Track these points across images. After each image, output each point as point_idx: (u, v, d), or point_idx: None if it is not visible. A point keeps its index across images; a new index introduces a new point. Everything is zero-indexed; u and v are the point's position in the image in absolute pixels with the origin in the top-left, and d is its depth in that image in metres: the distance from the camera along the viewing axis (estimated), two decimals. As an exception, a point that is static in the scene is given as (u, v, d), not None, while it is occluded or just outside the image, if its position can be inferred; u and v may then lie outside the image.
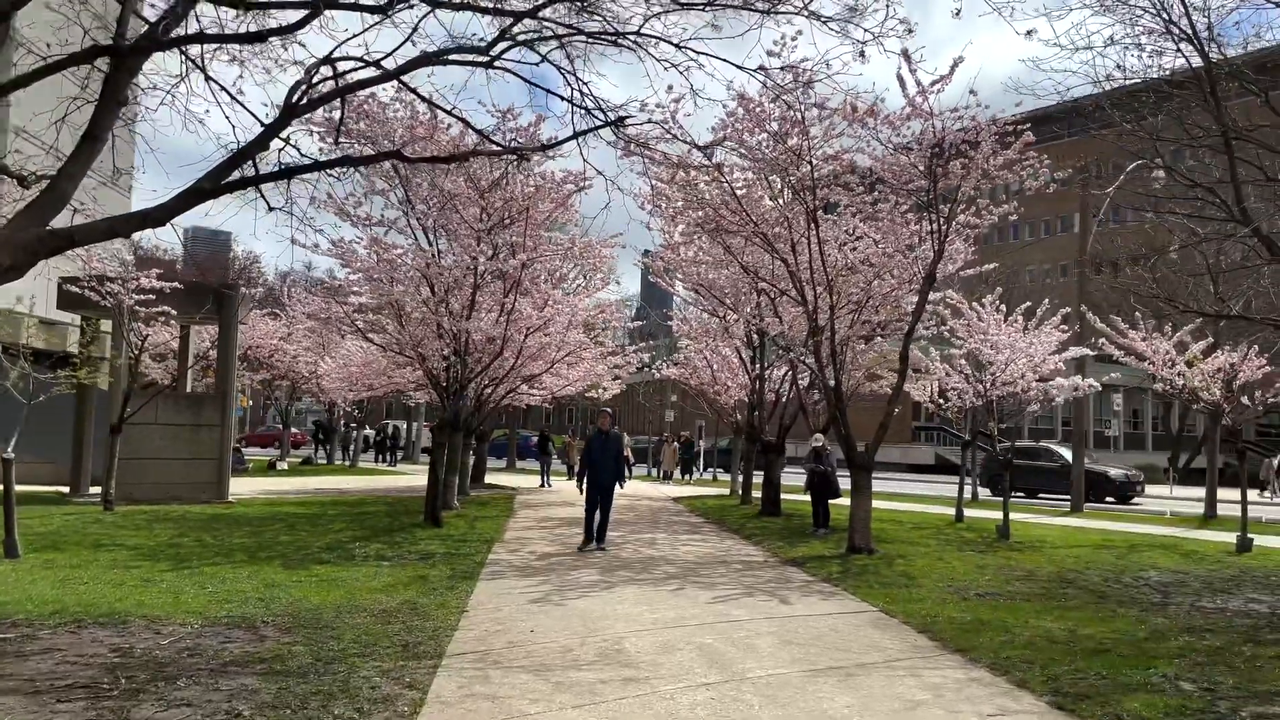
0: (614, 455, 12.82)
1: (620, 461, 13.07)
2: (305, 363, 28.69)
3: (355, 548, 12.43)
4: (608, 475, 12.69)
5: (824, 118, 12.28)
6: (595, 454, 12.71)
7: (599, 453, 12.70)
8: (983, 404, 17.33)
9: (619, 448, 13.09)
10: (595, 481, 12.68)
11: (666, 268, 18.03)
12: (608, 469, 12.68)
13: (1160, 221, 13.46)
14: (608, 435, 12.88)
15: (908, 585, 10.23)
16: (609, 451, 12.76)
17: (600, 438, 12.85)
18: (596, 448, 12.75)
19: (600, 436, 12.88)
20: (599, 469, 12.64)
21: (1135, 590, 10.56)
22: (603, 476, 12.66)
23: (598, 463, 12.65)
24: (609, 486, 12.73)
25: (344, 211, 15.91)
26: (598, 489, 12.69)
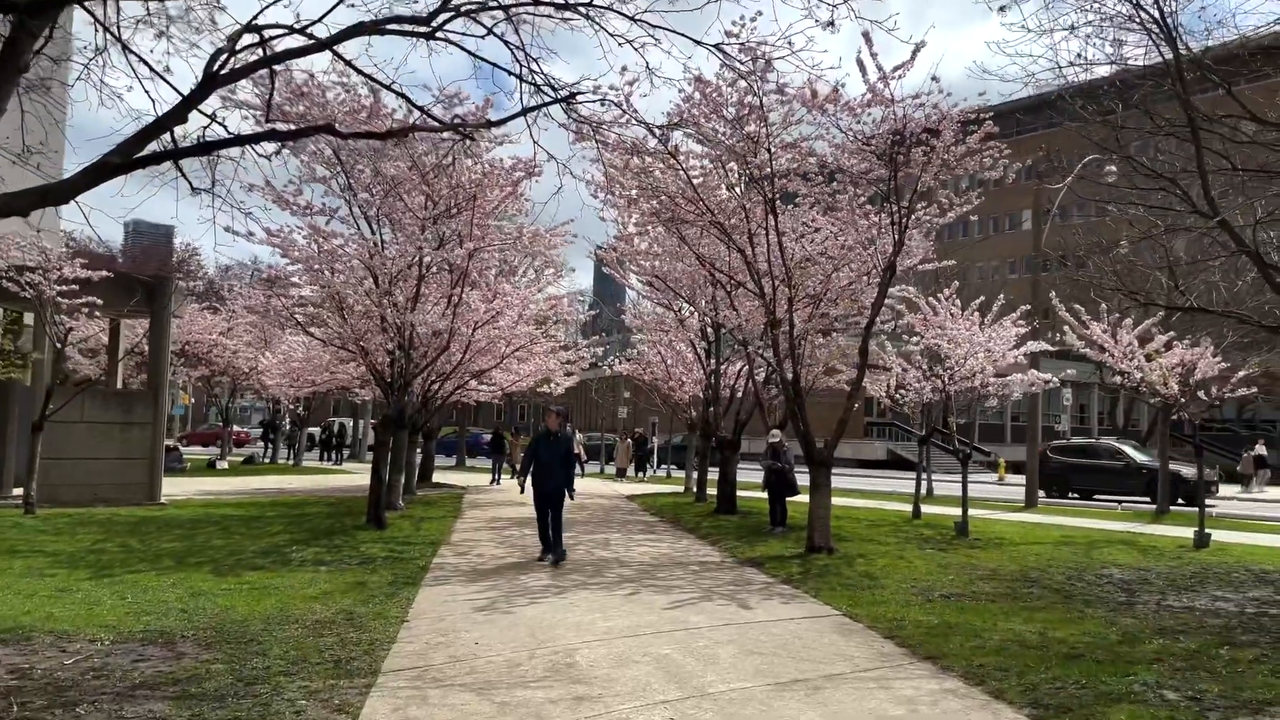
0: (562, 458, 11.32)
1: (570, 466, 11.46)
2: (245, 358, 27.72)
3: (292, 552, 11.78)
4: (555, 481, 11.22)
5: (784, 103, 11.88)
6: (542, 457, 11.31)
7: (546, 456, 11.28)
8: (940, 399, 17.14)
9: (568, 450, 11.53)
10: (541, 489, 11.28)
11: (620, 259, 17.55)
12: (555, 474, 11.23)
13: (1121, 213, 13.27)
14: (556, 436, 11.42)
15: (870, 586, 9.87)
16: (556, 454, 11.29)
17: (547, 439, 11.41)
18: (543, 450, 11.33)
19: (547, 438, 11.43)
20: (545, 474, 11.22)
21: (1099, 589, 10.32)
22: (549, 483, 11.21)
23: (544, 467, 11.24)
24: (557, 493, 11.27)
25: (283, 199, 15.22)
26: (545, 497, 11.31)
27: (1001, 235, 75.12)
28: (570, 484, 11.38)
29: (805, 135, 12.44)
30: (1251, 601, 9.74)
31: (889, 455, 47.96)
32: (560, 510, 11.47)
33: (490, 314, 15.63)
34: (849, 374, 17.46)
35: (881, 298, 12.84)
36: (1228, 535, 15.51)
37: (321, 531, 13.81)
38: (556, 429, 11.50)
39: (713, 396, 19.54)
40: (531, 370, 20.58)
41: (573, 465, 11.55)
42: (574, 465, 11.64)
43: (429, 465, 24.77)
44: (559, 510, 11.44)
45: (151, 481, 17.44)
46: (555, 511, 11.39)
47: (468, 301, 14.83)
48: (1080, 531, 16.28)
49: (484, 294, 15.47)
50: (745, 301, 15.53)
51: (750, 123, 12.18)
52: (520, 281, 20.50)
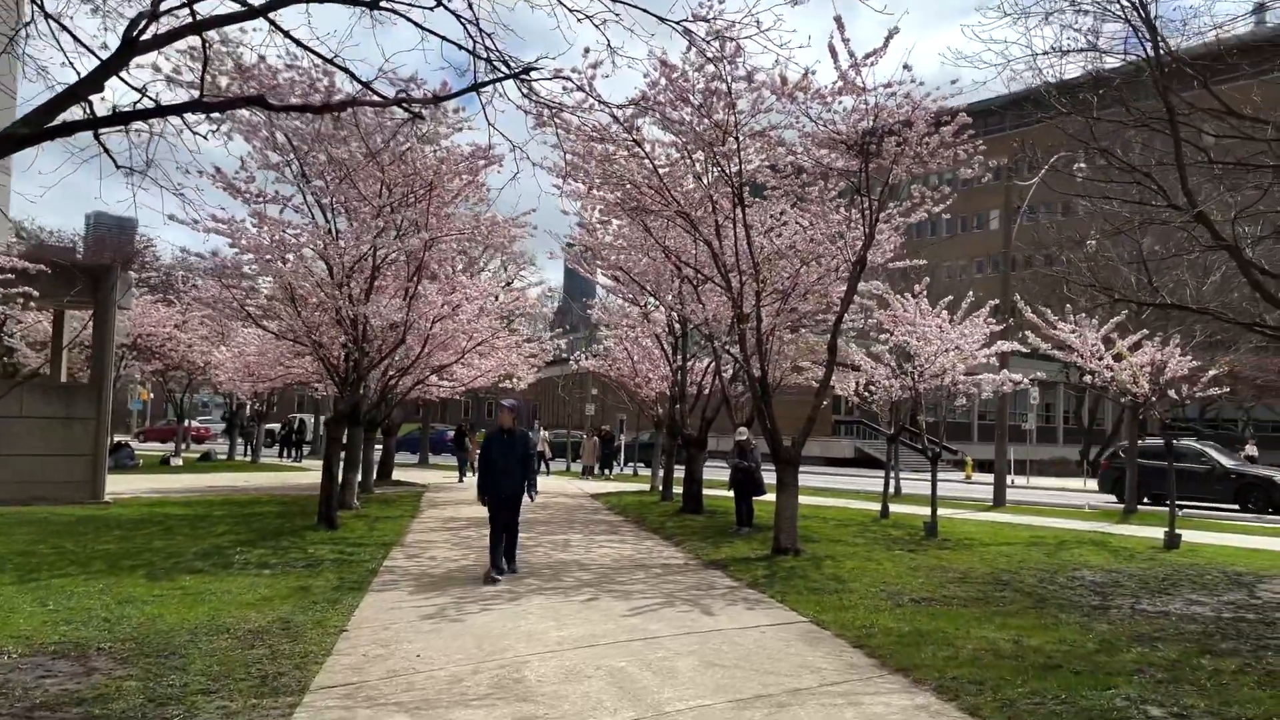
0: (519, 460, 10.09)
1: (528, 467, 10.20)
2: (200, 352, 26.92)
3: (235, 554, 11.21)
4: (512, 484, 10.05)
5: (752, 89, 11.47)
6: (495, 459, 10.05)
7: (500, 457, 10.04)
8: (909, 397, 16.83)
9: (526, 450, 10.21)
10: (495, 492, 10.04)
11: (584, 253, 17.09)
12: (511, 477, 10.03)
13: (1094, 208, 13.02)
14: (512, 435, 10.15)
15: (838, 590, 9.51)
16: (513, 455, 10.07)
17: (501, 438, 10.15)
18: (497, 451, 10.07)
19: (501, 437, 10.16)
20: (500, 477, 10.01)
21: (1072, 592, 10.04)
22: (504, 486, 10.01)
23: (499, 470, 10.02)
24: (514, 498, 10.10)
25: (233, 187, 14.62)
26: (500, 502, 10.06)
27: (970, 234, 75.55)
28: (530, 485, 10.24)
29: (775, 124, 12.04)
30: (1226, 605, 9.49)
31: (856, 453, 47.87)
32: (516, 518, 10.30)
33: (449, 307, 15.09)
34: (816, 371, 17.13)
35: (851, 292, 12.49)
36: (1197, 535, 15.36)
37: (269, 532, 13.23)
38: (511, 426, 10.23)
39: (679, 393, 19.14)
40: (493, 365, 20.07)
41: (532, 466, 10.31)
42: (533, 466, 10.41)
43: (389, 462, 24.16)
44: (514, 518, 10.27)
45: (95, 479, 16.73)
46: (510, 519, 10.21)
47: (425, 294, 14.29)
48: (1050, 531, 16.06)
49: (442, 286, 14.93)
50: (712, 297, 15.14)
51: (718, 110, 11.77)
52: (483, 275, 19.98)
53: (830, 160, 12.24)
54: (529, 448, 10.33)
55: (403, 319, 13.68)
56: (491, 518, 10.17)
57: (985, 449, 45.69)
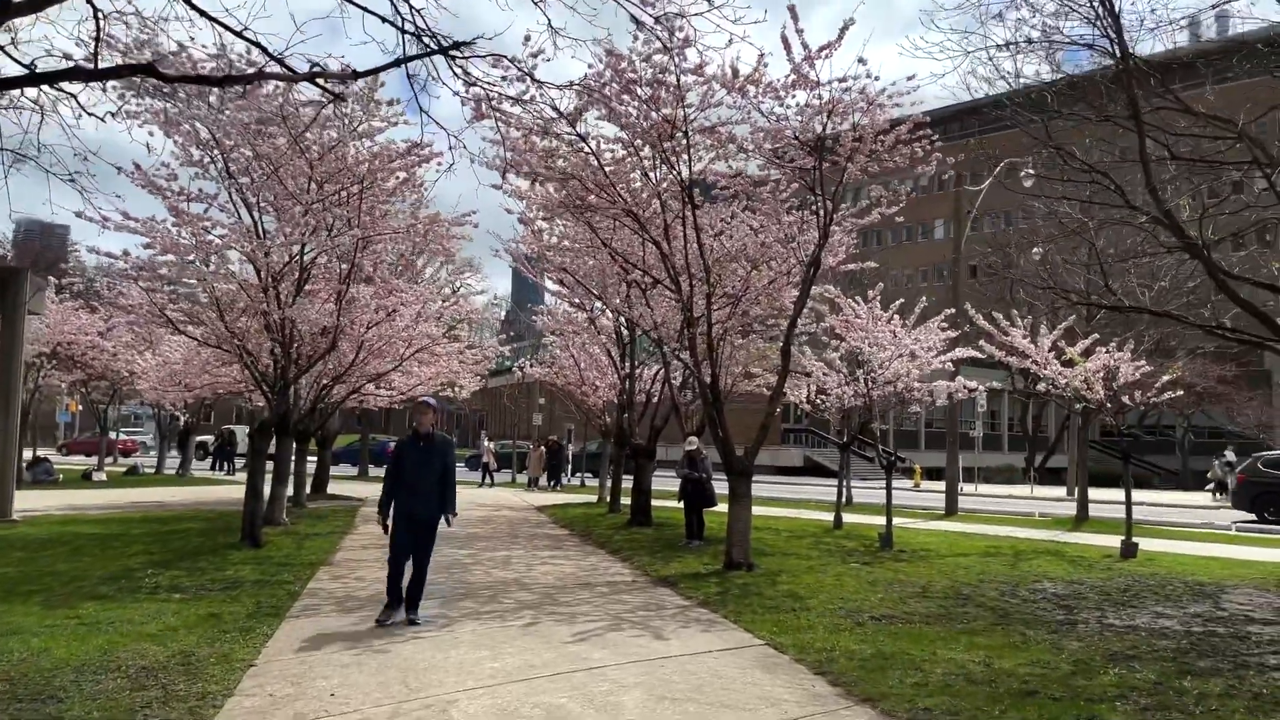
0: (438, 474, 8.11)
1: (448, 483, 8.20)
2: (125, 361, 25.61)
3: (146, 577, 10.32)
4: (426, 505, 8.07)
5: (701, 83, 10.94)
6: (407, 470, 8.09)
7: (414, 469, 8.07)
8: (862, 404, 16.45)
9: (446, 462, 8.23)
10: (405, 512, 8.06)
11: (528, 255, 16.42)
12: (426, 496, 8.05)
13: (1048, 209, 12.74)
14: (431, 441, 8.21)
15: (795, 609, 8.96)
16: (430, 468, 8.08)
17: (417, 445, 8.18)
18: (411, 461, 8.11)
19: (417, 444, 8.19)
20: (410, 495, 8.04)
21: (1036, 606, 9.62)
22: (417, 507, 8.04)
23: (410, 485, 8.06)
24: (427, 524, 8.14)
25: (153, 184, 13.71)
26: (410, 525, 8.08)
27: (915, 244, 76.31)
28: (448, 504, 8.19)
29: (726, 119, 11.51)
30: (1194, 619, 9.14)
31: (806, 461, 47.72)
32: (428, 552, 8.24)
33: (383, 311, 14.32)
34: (768, 378, 16.66)
35: (805, 295, 12.02)
36: (1152, 543, 15.15)
37: (187, 552, 12.32)
38: (430, 430, 8.25)
39: (627, 402, 18.54)
40: (433, 374, 19.28)
41: (452, 482, 8.26)
42: (453, 481, 8.29)
43: (324, 475, 23.15)
44: (427, 548, 8.22)
45: (1, 495, 15.59)
46: (421, 549, 8.17)
47: (358, 297, 13.51)
48: (1005, 541, 15.75)
49: (377, 290, 14.15)
50: (661, 301, 14.59)
51: (666, 104, 11.21)
52: (426, 278, 19.18)
53: (783, 156, 11.74)
54: (449, 459, 8.29)
55: (333, 323, 12.87)
56: (395, 543, 8.05)
57: (932, 456, 45.81)
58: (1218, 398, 39.28)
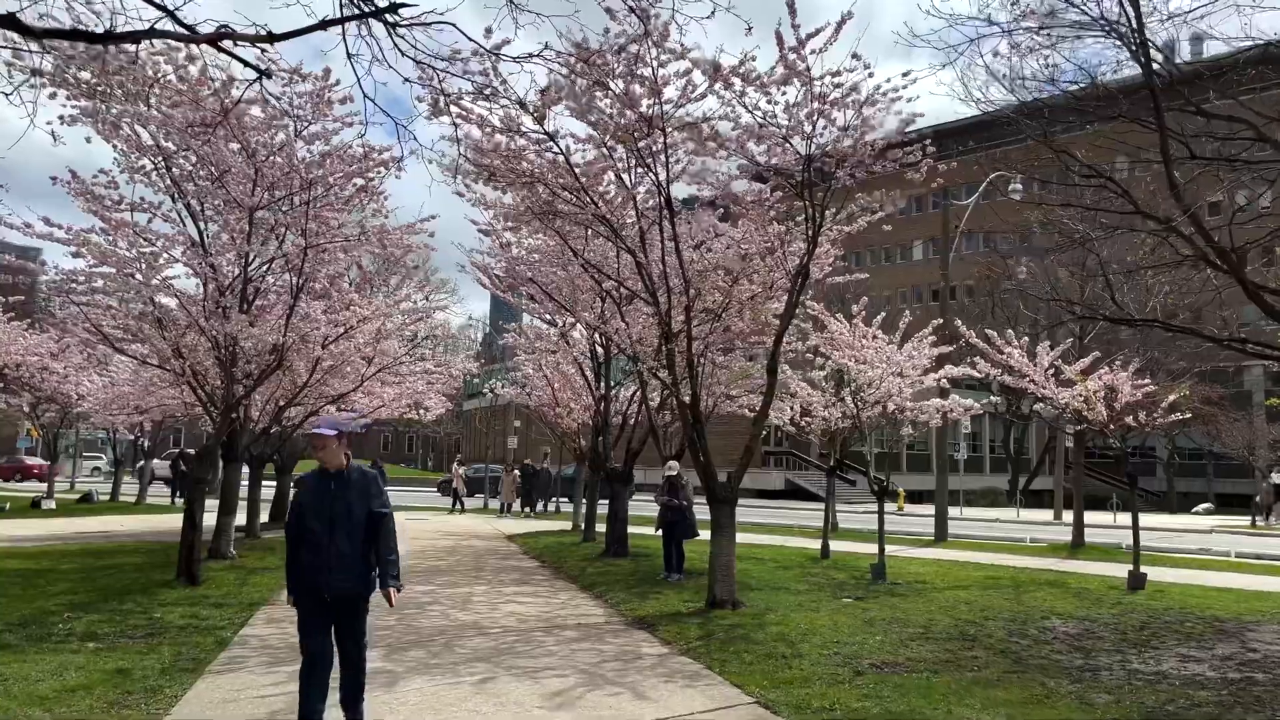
0: (360, 526, 5.50)
1: (381, 538, 5.55)
2: (74, 383, 24.31)
3: (61, 622, 9.19)
4: (345, 573, 5.43)
5: (680, 75, 10.06)
6: (313, 524, 5.46)
7: (322, 522, 5.44)
8: (850, 425, 15.56)
9: (373, 506, 5.56)
10: (312, 586, 5.46)
11: (498, 273, 15.46)
12: (344, 557, 5.43)
13: (1051, 220, 11.97)
14: (345, 480, 5.57)
15: (787, 655, 7.99)
16: (347, 519, 5.47)
17: (324, 488, 5.57)
18: (314, 508, 5.51)
19: (324, 485, 5.58)
20: (319, 558, 5.40)
21: (1050, 649, 8.71)
22: (330, 575, 5.40)
23: (317, 543, 5.42)
24: (349, 601, 5.49)
25: (90, 193, 12.71)
26: (322, 606, 5.47)
27: (895, 265, 75.91)
28: (390, 572, 5.51)
29: (708, 115, 10.62)
30: (1226, 664, 8.26)
31: (787, 485, 46.82)
32: (358, 637, 5.60)
33: (340, 328, 13.28)
34: (751, 399, 15.73)
35: (792, 307, 11.12)
36: (1157, 572, 14.31)
37: (116, 591, 11.18)
38: (342, 464, 5.58)
39: (602, 424, 17.54)
40: (397, 394, 18.23)
41: (387, 538, 5.56)
42: (390, 534, 5.59)
43: (283, 503, 21.92)
44: (355, 636, 5.58)
45: (-79, 528, 14.35)
46: (347, 638, 5.56)
47: (309, 312, 12.48)
48: (1002, 570, 14.87)
49: (330, 304, 13.12)
50: (638, 317, 13.65)
51: (642, 101, 10.31)
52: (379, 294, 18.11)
53: (769, 159, 10.87)
54: (376, 502, 5.56)
55: (277, 340, 11.83)
56: (304, 633, 5.54)
57: (914, 479, 45.06)
58: (1200, 418, 38.77)
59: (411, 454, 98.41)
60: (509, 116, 10.26)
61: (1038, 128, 9.89)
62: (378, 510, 5.58)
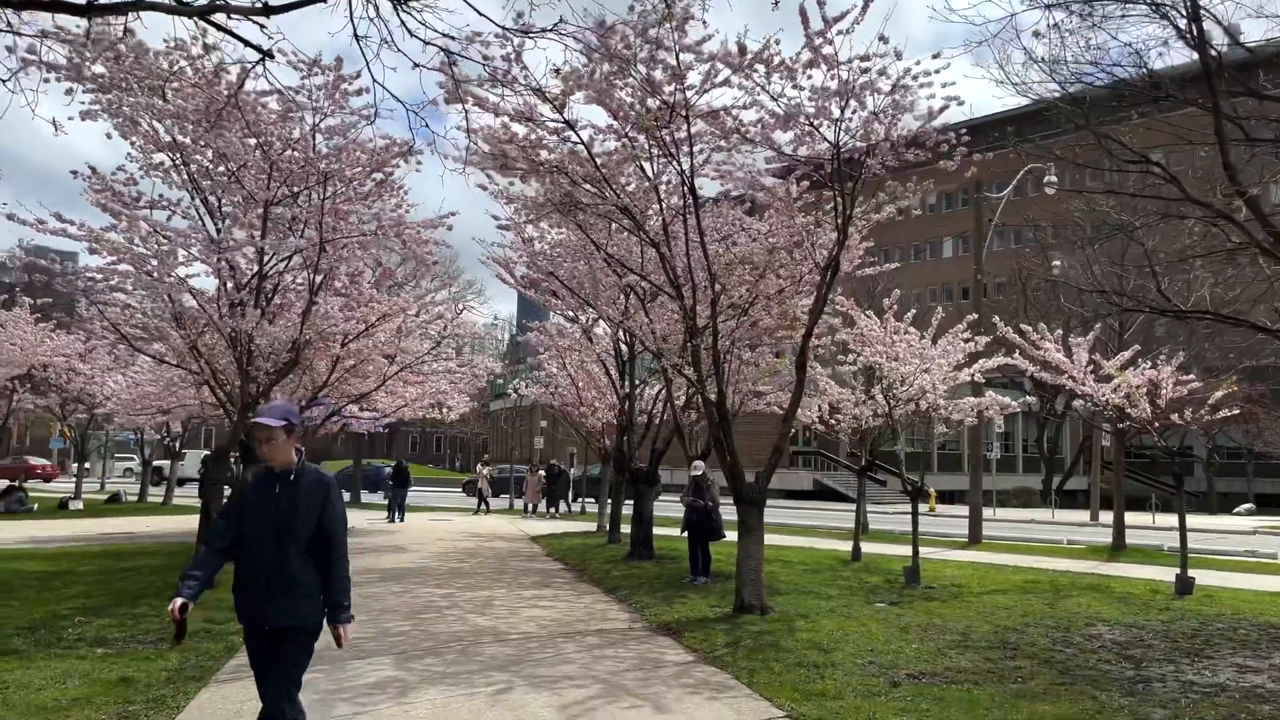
0: (307, 540, 4.43)
1: (331, 556, 4.46)
2: (100, 384, 24.31)
3: (72, 626, 9.00)
4: (284, 599, 4.36)
5: (703, 60, 9.69)
6: (252, 533, 4.43)
7: (264, 530, 4.40)
8: (882, 423, 15.09)
9: (323, 519, 4.47)
10: (253, 617, 4.46)
11: (525, 267, 15.12)
12: (282, 578, 4.36)
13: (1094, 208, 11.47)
14: (292, 483, 4.48)
15: (820, 664, 7.59)
16: (288, 532, 4.40)
17: (268, 491, 4.49)
18: (258, 513, 4.45)
19: (268, 488, 4.50)
20: (256, 578, 4.39)
21: (1097, 658, 8.25)
22: (268, 602, 4.36)
23: (256, 559, 4.39)
24: (288, 634, 4.40)
25: (109, 189, 12.56)
26: (260, 641, 4.49)
27: (924, 263, 74.97)
28: (338, 602, 4.48)
29: (731, 104, 10.25)
30: (1289, 674, 7.76)
31: (815, 485, 46.24)
32: (293, 676, 4.49)
33: (359, 324, 13.02)
34: (779, 396, 15.31)
35: (822, 299, 10.72)
36: (1204, 576, 13.72)
37: (131, 594, 10.98)
38: (288, 462, 4.52)
39: (627, 423, 17.19)
40: (418, 394, 17.96)
41: (337, 554, 4.49)
42: (339, 553, 4.50)
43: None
44: (289, 673, 4.47)
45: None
46: (278, 674, 4.46)
47: (326, 309, 12.23)
48: (1041, 574, 14.34)
49: (348, 301, 12.86)
50: (662, 314, 13.28)
51: (664, 88, 9.94)
52: (414, 291, 17.89)
53: (797, 148, 10.46)
54: (329, 512, 4.48)
55: (291, 338, 11.59)
56: (254, 674, 4.58)
57: (944, 479, 44.32)
58: (1242, 417, 37.72)
59: (439, 454, 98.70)
60: (526, 104, 9.93)
61: (1079, 112, 9.45)
62: (329, 526, 4.43)
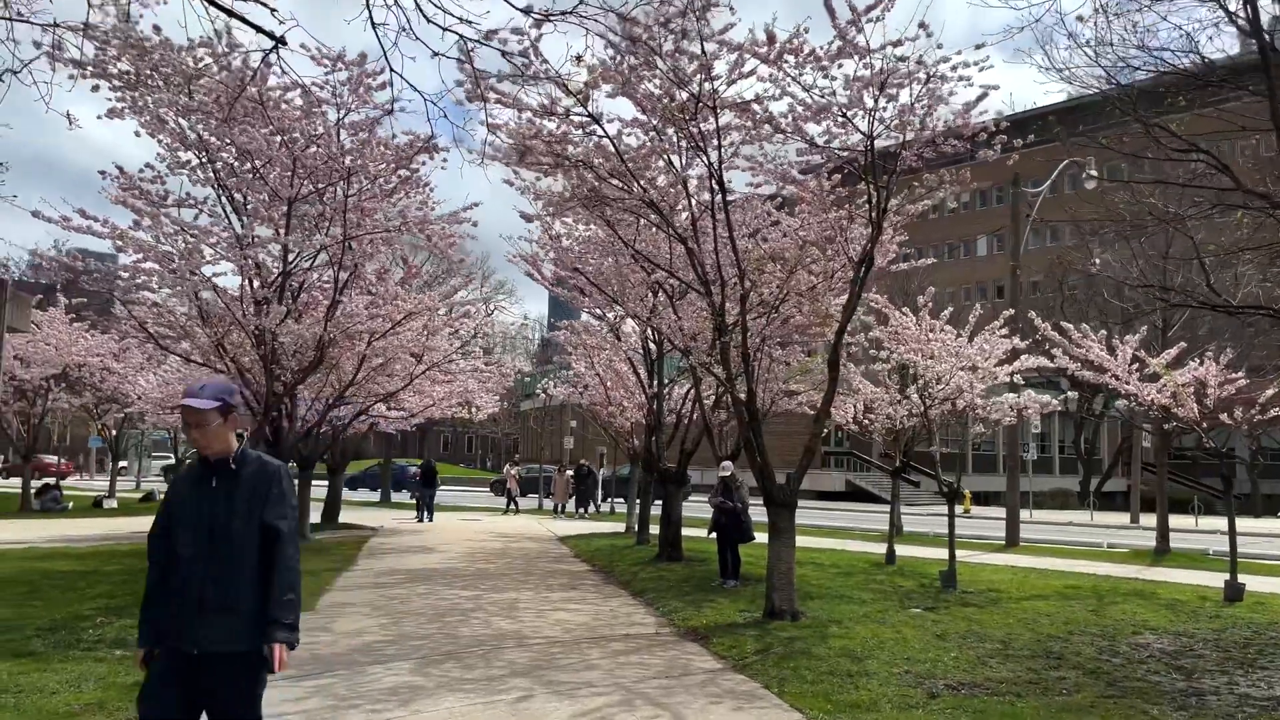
0: (249, 541, 3.60)
1: (278, 553, 3.60)
2: (132, 383, 24.47)
3: (93, 627, 8.90)
4: (219, 616, 3.53)
5: (731, 49, 9.42)
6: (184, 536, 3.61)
7: (190, 521, 3.61)
8: (917, 423, 14.73)
9: (267, 517, 3.63)
10: (172, 631, 3.57)
11: (537, 257, 14.91)
12: (218, 588, 3.54)
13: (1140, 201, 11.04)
14: (232, 472, 3.66)
15: (853, 674, 7.29)
16: (229, 526, 3.59)
17: (204, 484, 3.66)
18: (188, 505, 3.65)
19: (204, 480, 3.67)
20: (189, 588, 3.54)
21: (1146, 669, 7.87)
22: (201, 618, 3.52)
23: (189, 565, 3.56)
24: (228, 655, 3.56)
25: (137, 187, 12.58)
26: (178, 667, 3.56)
27: (957, 261, 74.03)
28: (280, 617, 3.58)
29: (761, 95, 9.96)
30: (1352, 687, 7.35)
31: (847, 486, 45.70)
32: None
33: (385, 322, 12.89)
34: (811, 395, 14.99)
35: (856, 296, 10.39)
36: (1253, 581, 13.22)
37: (154, 594, 10.88)
38: (224, 450, 3.67)
39: (655, 423, 16.94)
40: (447, 393, 17.84)
41: (284, 558, 3.62)
42: (286, 557, 3.62)
43: (336, 503, 21.75)
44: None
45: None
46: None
47: (351, 308, 12.11)
48: (1082, 579, 13.91)
49: (373, 299, 12.74)
50: (690, 311, 13.01)
51: (692, 81, 9.68)
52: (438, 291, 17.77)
53: (829, 140, 10.15)
54: (277, 511, 3.67)
55: (317, 335, 11.47)
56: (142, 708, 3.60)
57: (979, 480, 43.63)
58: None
59: (470, 454, 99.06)
60: (549, 97, 9.71)
61: (1126, 99, 9.08)
62: (271, 522, 3.58)
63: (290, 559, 3.64)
